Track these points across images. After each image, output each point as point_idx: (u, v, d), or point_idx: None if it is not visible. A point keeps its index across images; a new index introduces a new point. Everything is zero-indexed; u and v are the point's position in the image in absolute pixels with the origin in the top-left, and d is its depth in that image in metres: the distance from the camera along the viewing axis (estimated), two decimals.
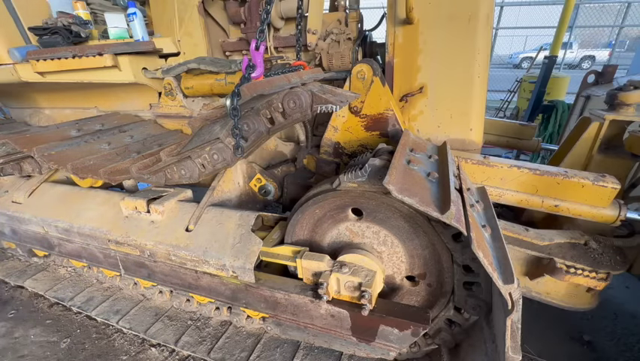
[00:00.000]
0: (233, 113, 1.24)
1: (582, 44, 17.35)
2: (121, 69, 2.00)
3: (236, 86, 1.22)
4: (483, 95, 1.65)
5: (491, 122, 2.57)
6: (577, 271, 1.45)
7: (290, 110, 1.22)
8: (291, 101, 1.20)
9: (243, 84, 1.22)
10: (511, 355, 0.95)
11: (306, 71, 1.54)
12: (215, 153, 1.39)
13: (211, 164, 1.41)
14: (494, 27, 8.59)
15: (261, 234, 1.57)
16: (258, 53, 1.27)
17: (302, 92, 1.19)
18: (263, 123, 1.28)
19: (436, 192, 1.10)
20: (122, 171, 1.65)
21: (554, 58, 4.77)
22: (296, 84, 1.32)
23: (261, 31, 1.25)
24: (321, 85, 1.41)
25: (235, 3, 2.08)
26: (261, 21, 1.25)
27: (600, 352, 1.90)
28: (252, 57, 1.27)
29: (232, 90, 1.23)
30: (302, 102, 1.19)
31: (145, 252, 1.67)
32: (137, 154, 1.85)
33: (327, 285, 1.31)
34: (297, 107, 1.20)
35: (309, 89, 1.24)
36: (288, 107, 1.21)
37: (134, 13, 1.95)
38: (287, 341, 1.84)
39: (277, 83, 1.27)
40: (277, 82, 1.28)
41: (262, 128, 1.29)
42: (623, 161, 1.81)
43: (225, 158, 1.38)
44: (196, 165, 1.45)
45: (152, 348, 1.90)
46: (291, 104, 1.21)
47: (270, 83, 1.25)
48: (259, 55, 1.28)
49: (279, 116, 1.25)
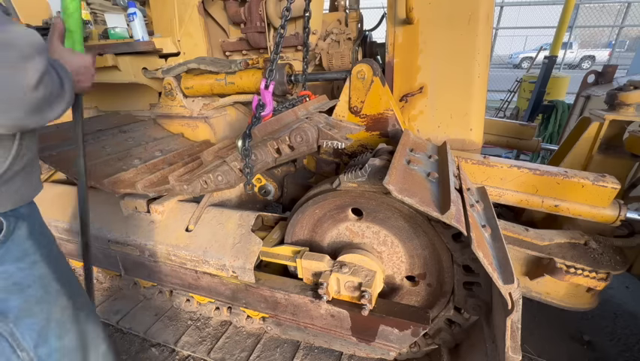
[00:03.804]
0: (245, 153, 1.32)
1: (582, 44, 17.36)
2: (121, 69, 2.00)
3: (247, 127, 1.31)
4: (483, 95, 1.65)
5: (491, 122, 2.57)
6: (577, 271, 1.45)
7: (297, 145, 1.29)
8: (298, 136, 1.27)
9: (254, 124, 1.30)
10: (511, 355, 0.95)
11: (312, 101, 1.58)
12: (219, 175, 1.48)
13: (214, 183, 1.50)
14: (494, 27, 8.59)
15: (261, 234, 1.57)
16: (267, 92, 1.36)
17: (309, 128, 1.26)
18: (270, 154, 1.34)
19: (436, 192, 1.10)
20: (126, 182, 1.67)
21: (554, 58, 4.77)
22: (303, 117, 1.39)
23: (270, 71, 1.32)
24: (327, 118, 1.46)
25: (235, 3, 2.08)
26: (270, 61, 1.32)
27: (600, 352, 1.90)
28: (261, 96, 1.32)
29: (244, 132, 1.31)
30: (308, 138, 1.26)
31: (145, 252, 1.67)
32: (139, 160, 1.85)
33: (327, 285, 1.31)
34: (303, 141, 1.28)
35: (316, 124, 1.30)
36: (295, 142, 1.28)
37: (134, 13, 1.95)
38: (287, 341, 1.84)
39: (285, 119, 1.36)
40: (285, 118, 1.36)
41: (269, 158, 1.36)
42: (623, 161, 1.81)
43: (229, 180, 1.47)
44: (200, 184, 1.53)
45: (152, 348, 1.91)
46: (298, 139, 1.28)
47: (279, 121, 1.34)
48: (268, 94, 1.36)
49: (285, 148, 1.32)
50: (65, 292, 0.96)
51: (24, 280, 0.85)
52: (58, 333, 0.93)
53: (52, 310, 0.92)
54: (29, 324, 0.86)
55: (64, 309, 0.95)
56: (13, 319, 0.83)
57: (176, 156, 1.95)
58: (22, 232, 0.85)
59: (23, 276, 0.85)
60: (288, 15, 1.28)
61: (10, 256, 0.82)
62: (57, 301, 0.94)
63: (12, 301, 0.83)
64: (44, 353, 0.89)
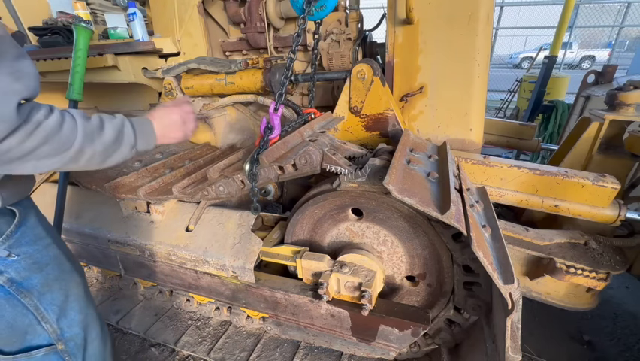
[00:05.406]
0: (252, 178, 1.34)
1: (582, 44, 17.36)
2: (121, 69, 2.00)
3: (255, 152, 1.33)
4: (483, 95, 1.65)
5: (491, 122, 2.57)
6: (577, 271, 1.45)
7: (301, 166, 1.32)
8: (302, 159, 1.30)
9: (262, 148, 1.32)
10: (511, 355, 0.95)
11: (317, 119, 1.59)
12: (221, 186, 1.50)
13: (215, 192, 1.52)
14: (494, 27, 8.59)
15: (261, 234, 1.57)
16: (276, 115, 1.37)
17: (314, 152, 1.28)
18: (274, 171, 1.36)
19: (436, 192, 1.10)
20: (127, 187, 1.68)
21: (554, 58, 4.77)
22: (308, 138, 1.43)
23: (280, 95, 1.35)
24: (332, 140, 1.48)
25: (235, 3, 2.08)
26: (281, 84, 1.35)
27: (600, 352, 1.90)
28: (270, 118, 1.33)
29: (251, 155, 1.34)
30: (313, 161, 1.29)
31: (145, 252, 1.67)
32: (140, 163, 1.85)
33: (327, 285, 1.31)
34: (307, 164, 1.31)
35: (320, 147, 1.32)
36: (299, 163, 1.31)
37: (134, 13, 1.95)
38: (287, 341, 1.84)
39: (292, 142, 1.40)
40: (292, 141, 1.40)
41: (272, 175, 1.37)
42: (623, 161, 1.81)
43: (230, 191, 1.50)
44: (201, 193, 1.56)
45: (152, 348, 1.91)
46: (303, 161, 1.30)
47: (285, 145, 1.37)
48: (277, 117, 1.37)
49: (289, 167, 1.34)
50: (76, 270, 1.09)
51: (42, 260, 0.97)
52: (76, 307, 1.06)
53: (69, 286, 1.04)
54: (51, 299, 0.98)
55: (78, 285, 1.08)
56: (37, 295, 0.94)
57: (176, 160, 1.95)
58: (32, 218, 0.97)
59: (40, 256, 0.96)
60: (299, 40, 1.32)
61: (26, 239, 0.93)
62: (72, 278, 1.06)
63: (34, 278, 0.94)
64: (65, 325, 1.02)
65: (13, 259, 0.90)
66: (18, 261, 0.90)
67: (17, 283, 0.90)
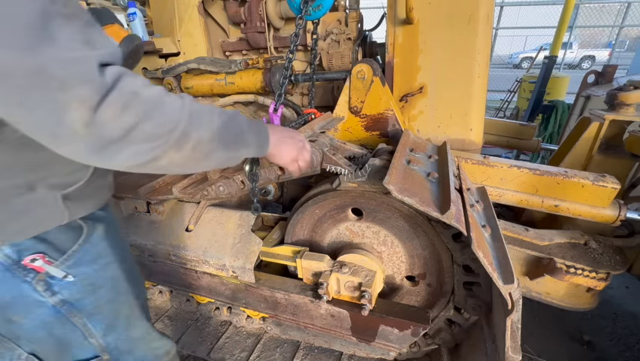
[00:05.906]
0: (252, 178, 1.32)
1: (582, 44, 17.37)
2: None
3: None
4: (483, 95, 1.65)
5: (491, 122, 2.56)
6: (577, 271, 1.45)
7: None
8: None
9: None
10: (511, 355, 0.95)
11: (317, 119, 1.59)
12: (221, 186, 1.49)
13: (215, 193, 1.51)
14: (494, 27, 8.59)
15: (261, 234, 1.57)
16: (276, 115, 1.37)
17: (314, 152, 1.27)
18: (274, 171, 1.36)
19: (436, 192, 1.10)
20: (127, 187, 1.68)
21: (554, 58, 4.77)
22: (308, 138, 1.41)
23: (279, 95, 1.35)
24: (332, 140, 1.47)
25: (235, 3, 2.08)
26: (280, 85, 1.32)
27: (600, 352, 1.90)
28: (270, 119, 1.32)
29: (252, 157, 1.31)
30: (313, 161, 1.28)
31: (145, 252, 1.67)
32: None
33: (327, 285, 1.31)
34: None
35: (321, 147, 1.32)
36: None
37: (134, 13, 1.95)
38: (287, 341, 1.84)
39: None
40: None
41: (272, 176, 1.37)
42: (623, 161, 1.81)
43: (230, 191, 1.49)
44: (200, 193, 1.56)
45: None
46: None
47: None
48: (277, 117, 1.36)
49: None
50: (133, 291, 1.04)
51: (97, 281, 0.92)
52: (125, 325, 1.02)
53: (120, 308, 1.01)
54: (100, 319, 0.95)
55: (131, 306, 1.04)
56: (86, 315, 0.91)
57: None
58: (99, 233, 0.91)
59: (97, 278, 0.91)
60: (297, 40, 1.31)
61: (87, 258, 0.87)
62: (126, 300, 1.02)
63: (86, 300, 0.90)
64: (112, 340, 0.99)
65: (69, 281, 0.84)
66: (74, 283, 0.85)
67: (69, 304, 0.86)
